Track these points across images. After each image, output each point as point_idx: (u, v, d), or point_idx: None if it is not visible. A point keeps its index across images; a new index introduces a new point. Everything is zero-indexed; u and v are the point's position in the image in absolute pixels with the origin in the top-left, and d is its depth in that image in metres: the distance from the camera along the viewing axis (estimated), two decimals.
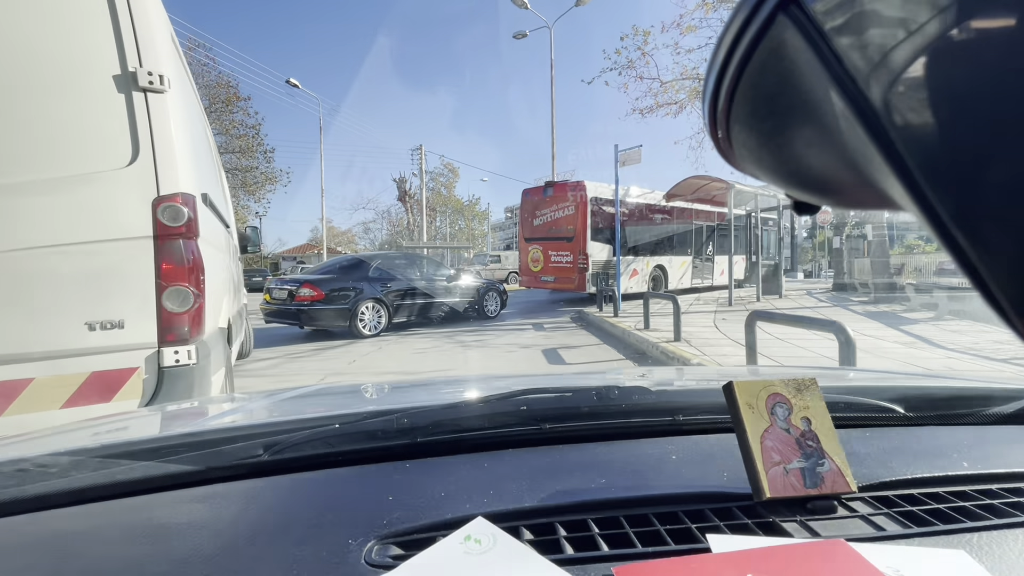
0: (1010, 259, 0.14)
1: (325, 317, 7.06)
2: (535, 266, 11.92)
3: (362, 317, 7.28)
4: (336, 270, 7.62)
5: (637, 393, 0.88)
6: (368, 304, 7.38)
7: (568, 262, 11.13)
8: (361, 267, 7.74)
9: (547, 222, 11.64)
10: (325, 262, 8.54)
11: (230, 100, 23.61)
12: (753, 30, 0.19)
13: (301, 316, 6.97)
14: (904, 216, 0.19)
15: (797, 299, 11.38)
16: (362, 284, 7.40)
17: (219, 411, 1.08)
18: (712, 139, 0.25)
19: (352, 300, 7.23)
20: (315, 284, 7.06)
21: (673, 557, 0.49)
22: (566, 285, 11.29)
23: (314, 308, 6.97)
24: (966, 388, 1.05)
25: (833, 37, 0.17)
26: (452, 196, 40.35)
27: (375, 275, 7.67)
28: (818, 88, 0.18)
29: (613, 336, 7.08)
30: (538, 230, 11.84)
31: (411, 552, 0.50)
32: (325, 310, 7.03)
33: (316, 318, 7.02)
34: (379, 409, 0.81)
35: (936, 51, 0.15)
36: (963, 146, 0.14)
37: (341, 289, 7.21)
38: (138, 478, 0.64)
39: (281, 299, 7.15)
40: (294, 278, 7.40)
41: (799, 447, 0.61)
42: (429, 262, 9.11)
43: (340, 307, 7.14)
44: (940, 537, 0.55)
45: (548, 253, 11.57)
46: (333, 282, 7.22)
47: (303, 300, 6.98)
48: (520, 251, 12.76)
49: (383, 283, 7.63)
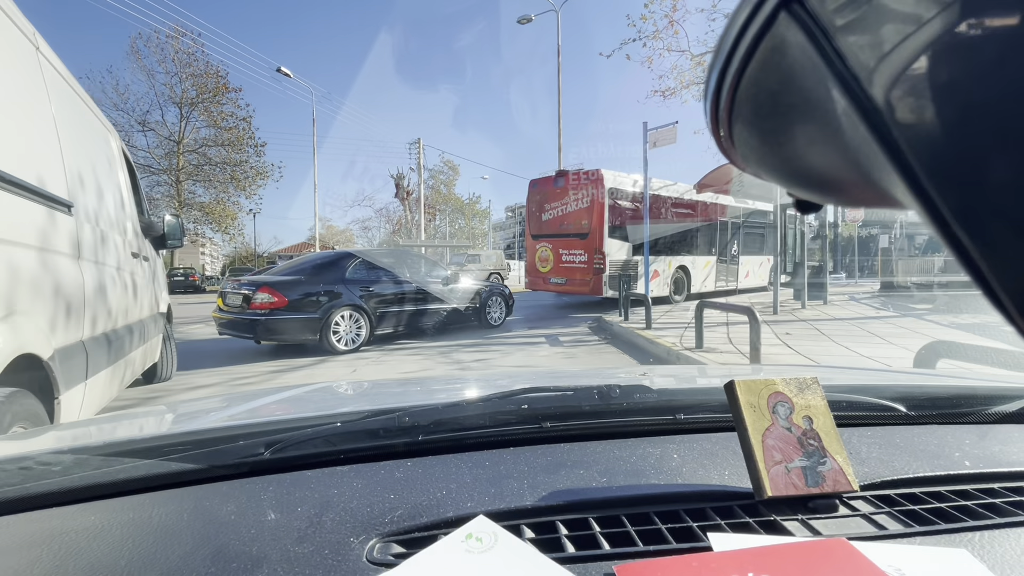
0: (1012, 257, 0.14)
1: (288, 329, 5.67)
2: (543, 266, 10.64)
3: (336, 329, 5.94)
4: (306, 270, 6.22)
5: (638, 392, 0.88)
6: (344, 312, 6.01)
7: (582, 262, 9.86)
8: (336, 266, 6.31)
9: (558, 217, 10.28)
10: (294, 260, 7.02)
11: (219, 90, 22.99)
12: (755, 28, 0.19)
13: (257, 328, 5.54)
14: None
15: (847, 306, 9.45)
16: (337, 287, 6.06)
17: (221, 410, 1.08)
18: (714, 137, 0.25)
19: (324, 307, 5.86)
20: (276, 288, 5.68)
21: (674, 556, 0.49)
22: (579, 288, 10.04)
23: (274, 318, 5.57)
24: (968, 387, 1.04)
25: (835, 35, 0.17)
26: (452, 194, 39.69)
27: (354, 276, 6.32)
28: (820, 86, 0.18)
29: (656, 357, 5.46)
30: (547, 226, 10.55)
31: (413, 550, 0.50)
32: (288, 320, 5.63)
33: (277, 330, 5.62)
34: (381, 408, 0.81)
35: (939, 49, 0.15)
36: (966, 144, 0.14)
37: (310, 294, 5.85)
38: (141, 476, 0.64)
39: (235, 306, 5.78)
40: (252, 280, 5.98)
41: (801, 446, 0.61)
42: (421, 261, 7.76)
43: (308, 316, 5.75)
44: (942, 536, 0.55)
45: (559, 252, 10.28)
46: (300, 285, 5.88)
47: (260, 308, 5.54)
48: (526, 250, 11.42)
49: (364, 286, 6.30)
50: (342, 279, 6.20)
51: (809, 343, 5.55)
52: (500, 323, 8.06)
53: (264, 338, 5.68)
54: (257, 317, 5.56)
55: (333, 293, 6.01)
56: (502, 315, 8.15)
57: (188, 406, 1.18)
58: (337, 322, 5.98)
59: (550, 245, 10.48)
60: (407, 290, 6.76)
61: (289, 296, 5.71)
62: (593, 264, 9.65)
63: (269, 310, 5.60)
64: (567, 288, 10.35)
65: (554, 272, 10.44)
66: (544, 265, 10.67)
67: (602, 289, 9.54)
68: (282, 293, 5.69)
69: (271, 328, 5.60)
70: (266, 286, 5.69)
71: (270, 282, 5.82)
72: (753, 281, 13.40)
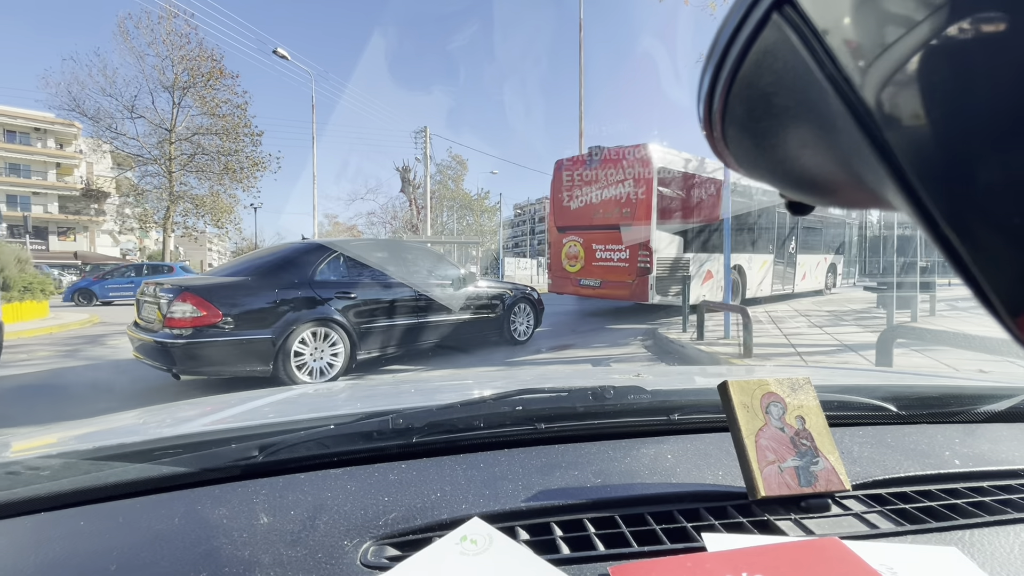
0: (1002, 259, 0.14)
1: (223, 357, 3.76)
2: (572, 265, 8.70)
3: (299, 354, 4.04)
4: (255, 269, 4.29)
5: (632, 393, 0.88)
6: (311, 329, 4.11)
7: (622, 260, 7.95)
8: (300, 264, 4.36)
9: (591, 204, 8.31)
10: (243, 257, 5.04)
11: (213, 74, 21.38)
12: (748, 30, 0.19)
13: (174, 355, 3.62)
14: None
15: (961, 319, 7.07)
16: (300, 292, 4.15)
17: (213, 412, 1.07)
18: (707, 139, 0.25)
19: (279, 323, 3.95)
20: (204, 295, 3.75)
21: (669, 556, 0.49)
22: (617, 292, 8.13)
23: (201, 341, 3.65)
24: (957, 387, 1.06)
25: (827, 37, 0.17)
26: (460, 189, 37.97)
27: (326, 277, 4.42)
28: (812, 88, 0.18)
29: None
30: (577, 216, 8.53)
31: (407, 553, 0.50)
32: (223, 344, 3.73)
33: (205, 358, 3.69)
34: (374, 410, 0.81)
35: (930, 51, 0.15)
36: (956, 146, 0.14)
37: (258, 303, 3.98)
38: (131, 480, 0.64)
39: (149, 322, 3.95)
40: (175, 284, 4.02)
41: (793, 446, 0.62)
42: (424, 256, 5.65)
43: (254, 336, 3.85)
44: (932, 534, 0.55)
45: (591, 247, 8.38)
46: (243, 291, 3.99)
47: (180, 324, 3.64)
48: (550, 245, 9.43)
49: (341, 291, 4.41)
50: (308, 281, 4.26)
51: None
52: (527, 337, 6.22)
53: (186, 371, 3.73)
54: (174, 340, 3.62)
55: (294, 301, 4.08)
56: (530, 327, 6.28)
57: (179, 410, 1.17)
58: (302, 343, 4.05)
59: (580, 239, 8.57)
60: (404, 296, 4.86)
61: (225, 307, 3.76)
62: (638, 262, 7.71)
63: (193, 328, 3.64)
64: (602, 292, 8.42)
65: (585, 272, 8.54)
66: (573, 263, 8.71)
67: (648, 294, 7.63)
68: (213, 303, 3.71)
69: (195, 355, 3.64)
70: (188, 292, 3.72)
71: (195, 287, 3.86)
72: (809, 284, 11.59)
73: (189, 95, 21.79)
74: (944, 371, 3.81)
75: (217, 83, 21.70)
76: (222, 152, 22.09)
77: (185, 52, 21.31)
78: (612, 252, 8.12)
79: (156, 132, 22.04)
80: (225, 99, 22.04)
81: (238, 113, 22.24)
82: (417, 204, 28.61)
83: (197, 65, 21.47)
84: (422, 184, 26.43)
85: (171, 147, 21.72)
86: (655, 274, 7.63)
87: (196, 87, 21.47)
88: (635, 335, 6.76)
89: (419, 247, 5.89)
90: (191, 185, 22.71)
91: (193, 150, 22.21)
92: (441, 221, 36.13)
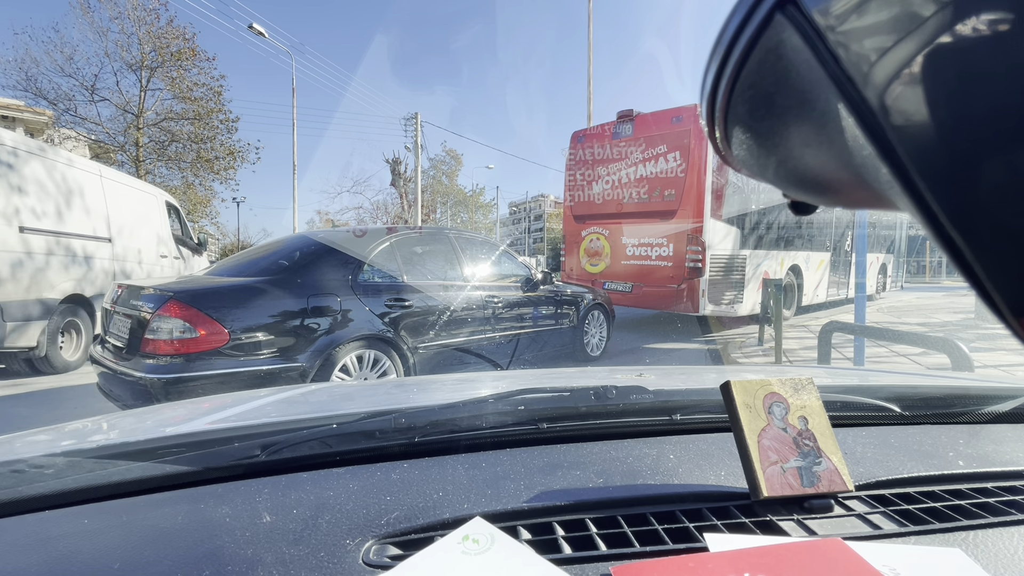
0: (1006, 259, 0.14)
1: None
2: (593, 264, 6.88)
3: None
4: (275, 267, 3.09)
5: (634, 393, 0.88)
6: (355, 353, 2.98)
7: (663, 258, 6.10)
8: (337, 260, 3.16)
9: (621, 185, 6.46)
10: (250, 251, 3.82)
11: (184, 54, 18.06)
12: (751, 30, 0.19)
13: (155, 396, 2.47)
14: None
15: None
16: (340, 299, 2.98)
17: (216, 411, 1.07)
18: (709, 138, 0.25)
19: (313, 345, 2.81)
20: (201, 303, 2.56)
21: (671, 556, 0.49)
22: (656, 299, 6.27)
23: (195, 376, 2.47)
24: (962, 387, 1.05)
25: (830, 37, 0.17)
26: (454, 185, 36.76)
27: (369, 278, 3.21)
28: (815, 88, 0.18)
29: None
30: (602, 201, 6.74)
31: (409, 552, 0.50)
32: (226, 380, 2.54)
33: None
34: (377, 409, 0.81)
35: (933, 51, 0.15)
36: (960, 146, 0.14)
37: (280, 317, 2.75)
38: (134, 478, 0.64)
39: (120, 342, 2.75)
40: (160, 287, 2.70)
41: (796, 446, 0.62)
42: (488, 251, 4.27)
43: (273, 367, 2.65)
44: (936, 536, 0.55)
45: (619, 241, 6.56)
46: (259, 299, 2.76)
47: (164, 351, 2.48)
48: (565, 239, 7.46)
49: (394, 298, 3.23)
50: (350, 283, 3.07)
51: None
52: (600, 351, 5.13)
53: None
54: (154, 374, 2.46)
55: (334, 313, 2.93)
56: (603, 339, 5.16)
57: (182, 408, 1.17)
58: (342, 370, 2.91)
59: (605, 232, 6.74)
60: (468, 304, 3.65)
61: (232, 322, 2.58)
62: (686, 260, 5.86)
63: (185, 356, 2.47)
64: (634, 298, 6.49)
65: (611, 273, 6.69)
66: (595, 262, 6.87)
67: (699, 302, 5.82)
68: (214, 316, 2.54)
69: (191, 393, 2.47)
70: (177, 300, 2.53)
71: (187, 291, 2.65)
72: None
73: (158, 76, 18.58)
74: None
75: (189, 63, 18.43)
76: (193, 139, 18.86)
77: (153, 29, 17.94)
78: (649, 248, 6.27)
79: (123, 117, 18.60)
80: (199, 82, 18.78)
81: (211, 96, 18.97)
82: (408, 198, 26.36)
83: (167, 43, 18.09)
84: (413, 177, 24.38)
85: (138, 133, 18.50)
86: (707, 276, 5.80)
87: (165, 67, 18.22)
88: (696, 359, 5.17)
89: (480, 239, 4.48)
90: (162, 175, 19.32)
91: (163, 137, 19.04)
92: (434, 217, 34.68)
